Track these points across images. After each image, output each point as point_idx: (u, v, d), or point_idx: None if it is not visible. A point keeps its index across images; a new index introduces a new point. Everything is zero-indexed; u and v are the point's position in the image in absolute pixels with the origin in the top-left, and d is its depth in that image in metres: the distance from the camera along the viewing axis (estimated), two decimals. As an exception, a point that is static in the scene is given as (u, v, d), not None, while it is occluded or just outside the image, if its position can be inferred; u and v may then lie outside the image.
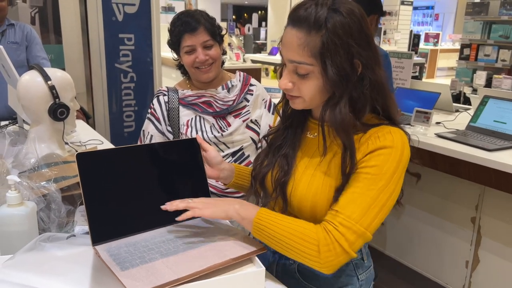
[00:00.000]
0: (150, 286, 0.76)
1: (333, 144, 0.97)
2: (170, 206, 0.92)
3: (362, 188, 0.87)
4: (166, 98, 1.55)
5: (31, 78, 1.44)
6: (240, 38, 7.11)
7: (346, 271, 1.03)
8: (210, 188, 1.14)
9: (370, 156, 0.89)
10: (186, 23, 1.46)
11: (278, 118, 1.13)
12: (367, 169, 0.88)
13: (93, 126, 2.90)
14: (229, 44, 5.87)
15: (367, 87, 0.91)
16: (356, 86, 0.90)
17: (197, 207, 0.91)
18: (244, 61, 5.96)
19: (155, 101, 1.56)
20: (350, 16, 0.87)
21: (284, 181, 1.00)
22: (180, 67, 1.60)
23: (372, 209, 0.86)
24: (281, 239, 0.88)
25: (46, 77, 1.43)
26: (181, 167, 1.05)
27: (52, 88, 1.43)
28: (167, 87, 1.59)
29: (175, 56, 1.58)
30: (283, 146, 1.05)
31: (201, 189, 1.06)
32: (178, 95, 1.55)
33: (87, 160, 0.91)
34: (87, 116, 2.50)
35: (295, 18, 0.89)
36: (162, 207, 0.92)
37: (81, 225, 1.07)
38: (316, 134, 1.03)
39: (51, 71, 1.47)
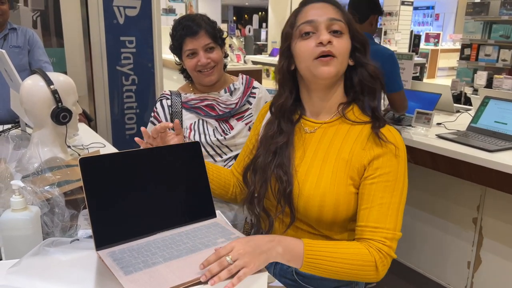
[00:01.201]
0: (154, 290, 0.76)
1: (340, 130, 1.01)
2: (208, 273, 0.79)
3: (387, 197, 0.94)
4: (169, 102, 1.56)
5: (34, 82, 1.45)
6: (241, 40, 7.12)
7: None
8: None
9: (382, 161, 0.95)
10: (187, 27, 1.46)
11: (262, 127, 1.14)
12: (385, 177, 0.94)
13: (95, 128, 2.91)
14: (230, 46, 5.88)
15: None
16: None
17: (239, 266, 0.80)
18: (245, 62, 5.97)
19: (158, 105, 1.57)
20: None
21: (290, 191, 1.00)
22: (183, 71, 1.60)
23: (400, 212, 0.95)
24: (337, 270, 0.90)
25: (49, 82, 1.44)
26: (184, 171, 1.05)
27: (54, 93, 1.44)
28: (170, 91, 1.60)
29: (178, 60, 1.58)
30: (273, 160, 1.05)
31: (203, 193, 1.07)
32: (181, 98, 1.56)
33: (90, 165, 0.91)
34: (89, 119, 2.51)
35: None
36: (201, 267, 0.81)
37: (84, 229, 1.08)
38: (316, 128, 1.04)
39: (54, 76, 1.48)
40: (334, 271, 0.90)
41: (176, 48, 1.52)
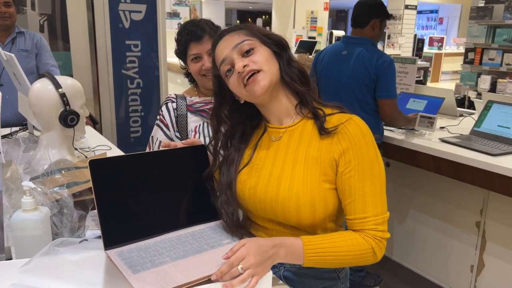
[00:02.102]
0: (161, 289, 0.78)
1: (305, 129, 1.03)
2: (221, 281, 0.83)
3: (368, 185, 0.96)
4: (174, 105, 1.58)
5: (42, 85, 1.47)
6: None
7: (328, 272, 1.08)
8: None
9: (352, 152, 0.97)
10: (191, 32, 1.49)
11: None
12: (361, 166, 0.96)
13: (100, 131, 2.94)
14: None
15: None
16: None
17: (251, 275, 0.83)
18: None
19: (163, 108, 1.59)
20: None
21: (237, 218, 1.02)
22: (188, 75, 1.63)
23: (383, 193, 0.97)
24: (337, 262, 0.96)
25: (57, 85, 1.47)
26: (190, 173, 1.07)
27: (62, 96, 1.46)
28: (175, 94, 1.62)
29: (183, 64, 1.61)
30: (221, 194, 1.06)
31: (208, 196, 1.09)
32: (186, 102, 1.58)
33: (100, 167, 0.94)
34: (94, 121, 2.53)
35: (221, 33, 1.07)
36: (213, 277, 0.82)
37: (92, 230, 1.10)
38: (281, 136, 1.06)
39: (62, 79, 1.51)
40: (334, 263, 0.96)
41: (181, 52, 1.55)
